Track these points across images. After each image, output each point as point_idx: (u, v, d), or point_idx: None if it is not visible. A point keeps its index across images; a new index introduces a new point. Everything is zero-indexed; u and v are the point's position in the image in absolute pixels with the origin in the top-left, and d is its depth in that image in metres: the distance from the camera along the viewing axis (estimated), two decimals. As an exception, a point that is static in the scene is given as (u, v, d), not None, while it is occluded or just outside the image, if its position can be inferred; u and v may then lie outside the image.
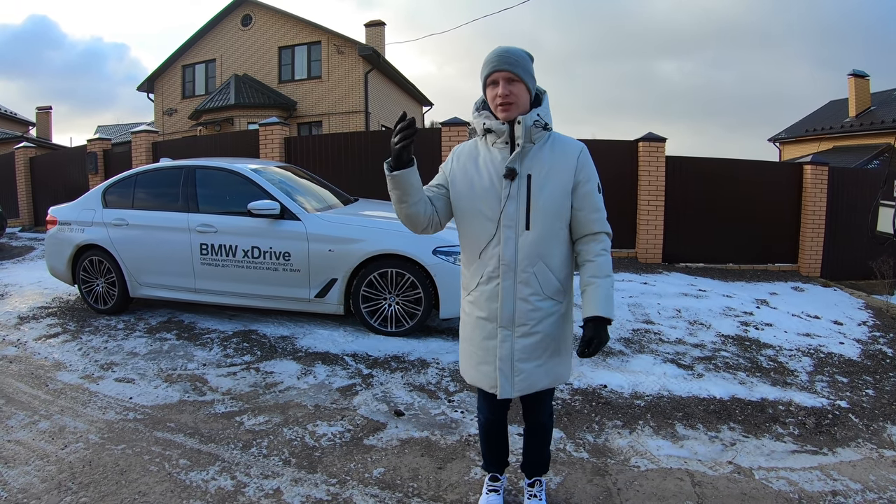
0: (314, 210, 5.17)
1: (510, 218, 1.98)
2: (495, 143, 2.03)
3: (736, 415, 3.65)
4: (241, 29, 20.63)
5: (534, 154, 1.99)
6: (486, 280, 2.04)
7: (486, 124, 2.02)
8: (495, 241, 2.00)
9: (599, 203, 2.05)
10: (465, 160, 2.11)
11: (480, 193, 2.02)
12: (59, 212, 5.93)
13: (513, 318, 2.02)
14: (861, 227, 9.50)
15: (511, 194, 1.97)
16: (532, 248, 1.98)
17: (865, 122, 17.74)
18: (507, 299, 2.01)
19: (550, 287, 2.03)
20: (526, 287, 2.00)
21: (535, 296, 2.01)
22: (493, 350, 2.06)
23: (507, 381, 2.05)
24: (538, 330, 2.03)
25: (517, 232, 1.98)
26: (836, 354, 4.99)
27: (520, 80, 1.95)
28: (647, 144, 8.64)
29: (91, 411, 3.59)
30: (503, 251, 1.99)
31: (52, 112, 27.78)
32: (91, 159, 12.07)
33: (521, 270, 1.99)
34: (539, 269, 2.00)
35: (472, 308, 2.11)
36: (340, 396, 3.76)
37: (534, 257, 1.99)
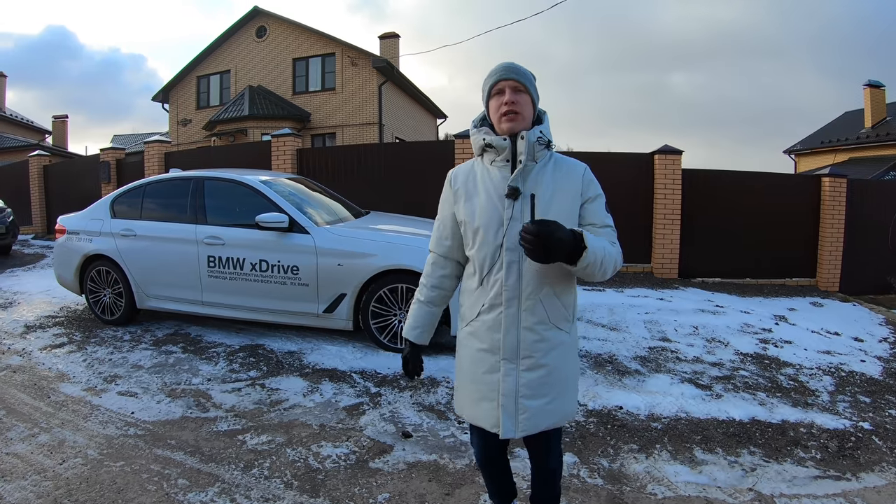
0: (324, 223, 5.08)
1: (513, 241, 1.82)
2: (494, 162, 1.90)
3: (756, 438, 3.52)
4: (255, 41, 20.76)
5: (537, 173, 1.86)
6: (488, 308, 1.89)
7: (485, 139, 1.89)
8: (498, 266, 1.86)
9: (609, 219, 1.92)
10: (462, 180, 1.99)
11: (482, 215, 1.89)
12: (67, 221, 5.91)
13: (517, 349, 1.85)
14: (880, 241, 9.32)
15: (514, 215, 1.82)
16: (537, 273, 1.83)
17: (882, 132, 17.53)
18: (511, 329, 1.85)
19: (557, 315, 1.88)
20: (531, 315, 1.85)
21: (542, 325, 1.86)
22: (495, 385, 1.88)
23: (510, 419, 1.86)
24: (545, 363, 1.86)
25: (521, 255, 1.81)
26: (857, 373, 4.87)
27: (527, 91, 1.87)
28: (664, 157, 8.50)
29: (91, 425, 3.53)
30: (506, 276, 1.84)
31: (68, 121, 28.18)
32: (104, 168, 12.12)
33: (527, 297, 1.84)
34: (545, 296, 1.85)
35: (471, 339, 1.95)
36: (347, 416, 3.66)
37: (539, 282, 1.84)
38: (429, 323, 2.09)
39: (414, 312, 2.11)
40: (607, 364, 4.66)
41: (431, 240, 2.12)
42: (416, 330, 2.09)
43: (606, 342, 5.22)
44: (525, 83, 1.86)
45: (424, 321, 2.09)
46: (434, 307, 2.09)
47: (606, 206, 1.93)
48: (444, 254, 2.07)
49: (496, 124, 1.90)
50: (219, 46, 21.33)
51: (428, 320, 2.09)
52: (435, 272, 2.09)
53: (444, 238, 2.06)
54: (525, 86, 1.86)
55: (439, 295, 2.09)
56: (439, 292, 2.09)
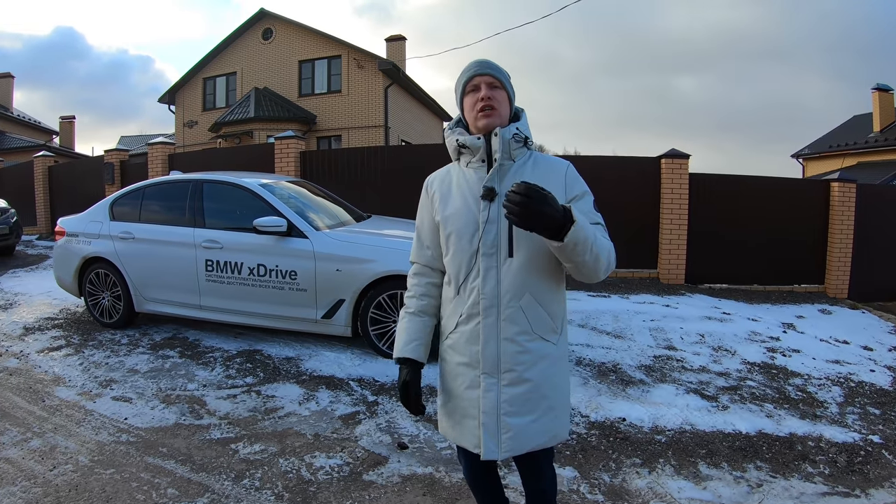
0: (324, 227, 5.01)
1: (490, 245, 1.71)
2: (470, 163, 1.80)
3: (763, 452, 3.43)
4: (261, 42, 20.76)
5: (514, 172, 1.74)
6: (466, 318, 1.76)
7: (459, 140, 1.79)
8: (475, 273, 1.73)
9: (599, 217, 1.76)
10: (438, 186, 1.88)
11: (457, 219, 1.77)
12: (67, 223, 5.88)
13: (497, 362, 1.71)
14: (889, 247, 9.19)
15: (490, 217, 1.70)
16: (517, 277, 1.70)
17: (890, 137, 17.36)
18: (490, 340, 1.71)
19: (541, 324, 1.73)
20: (512, 325, 1.70)
21: (524, 335, 1.71)
22: (475, 402, 1.74)
23: (491, 439, 1.71)
24: (529, 377, 1.71)
25: (499, 260, 1.71)
26: (867, 383, 4.77)
27: (503, 87, 1.78)
28: (671, 161, 8.40)
29: (84, 431, 3.48)
30: (483, 283, 1.71)
31: (75, 122, 28.28)
32: (108, 170, 12.10)
33: (506, 305, 1.70)
34: (527, 303, 1.71)
35: (451, 353, 1.81)
36: (342, 425, 3.58)
37: (519, 289, 1.70)
38: (425, 334, 1.88)
39: (406, 327, 1.89)
40: (611, 373, 4.56)
41: (412, 250, 1.98)
42: (412, 343, 1.85)
43: (611, 350, 5.13)
44: (501, 79, 1.78)
45: (419, 333, 1.87)
46: (427, 317, 1.91)
47: (595, 205, 1.79)
48: (426, 263, 1.93)
49: (471, 123, 1.81)
50: (225, 48, 21.34)
51: (423, 331, 1.88)
52: (421, 281, 1.94)
53: (424, 247, 1.93)
54: (501, 81, 1.78)
55: (430, 304, 1.92)
56: (430, 301, 1.92)
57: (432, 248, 1.91)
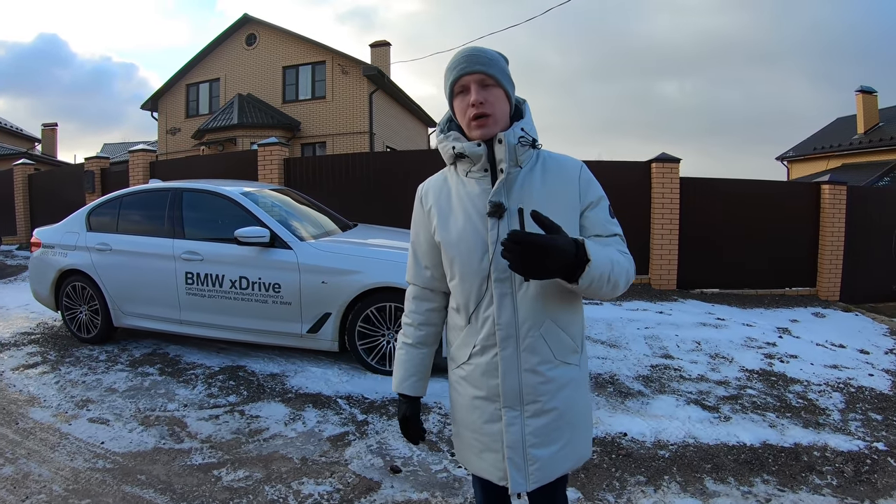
0: (309, 238, 4.83)
1: (503, 269, 1.49)
2: (470, 173, 1.56)
3: (769, 464, 3.32)
4: (245, 48, 20.55)
5: (523, 181, 1.52)
6: (481, 350, 1.56)
7: (455, 148, 1.54)
8: (487, 301, 1.53)
9: (616, 227, 1.58)
10: (434, 197, 1.65)
11: (461, 240, 1.55)
12: (43, 234, 5.67)
13: (519, 394, 1.54)
14: (880, 248, 9.19)
15: (500, 237, 1.47)
16: (535, 303, 1.51)
17: (874, 138, 17.49)
18: (510, 372, 1.53)
19: (563, 349, 1.55)
20: (532, 355, 1.52)
21: (546, 364, 1.53)
22: (497, 436, 1.57)
23: (519, 472, 1.55)
24: (553, 406, 1.55)
25: (513, 286, 1.51)
26: (866, 388, 4.70)
27: (497, 84, 1.51)
28: (661, 165, 8.32)
29: (59, 457, 3.28)
30: (498, 312, 1.51)
31: (57, 129, 27.92)
32: (88, 178, 11.87)
33: (525, 335, 1.51)
34: (547, 330, 1.53)
35: (465, 385, 1.63)
36: (331, 447, 3.39)
37: (539, 315, 1.51)
38: (424, 367, 1.73)
39: (404, 360, 1.73)
40: (608, 385, 4.43)
41: (408, 269, 1.77)
42: (410, 379, 1.70)
43: (606, 360, 4.99)
44: (494, 74, 1.50)
45: (418, 367, 1.72)
46: (426, 348, 1.74)
47: (611, 210, 1.60)
48: (425, 285, 1.72)
49: (466, 129, 1.56)
50: (208, 54, 21.11)
51: (422, 365, 1.73)
52: (420, 307, 1.74)
53: (422, 267, 1.72)
54: (495, 77, 1.51)
55: (430, 333, 1.74)
56: (429, 329, 1.74)
57: (432, 269, 1.70)
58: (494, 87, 1.51)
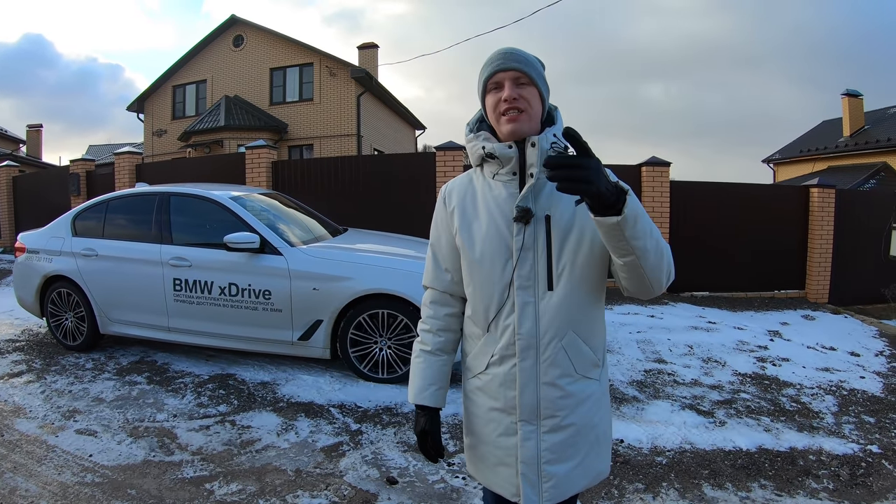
0: (299, 243, 4.76)
1: (526, 276, 1.45)
2: (498, 175, 1.51)
3: (766, 469, 3.32)
4: (232, 50, 20.40)
5: (552, 187, 1.43)
6: (499, 360, 1.51)
7: (486, 148, 1.49)
8: (508, 309, 1.47)
9: None
10: (459, 198, 1.59)
11: (483, 244, 1.50)
12: (27, 238, 5.55)
13: (536, 408, 1.48)
14: (867, 251, 9.26)
15: (526, 244, 1.45)
16: (558, 314, 1.45)
17: (860, 141, 17.64)
18: (528, 385, 1.48)
19: (584, 363, 1.50)
20: (553, 367, 1.47)
21: (566, 377, 1.48)
22: (512, 450, 1.52)
23: (532, 489, 1.50)
24: (571, 422, 1.49)
25: (536, 294, 1.45)
26: (858, 391, 4.73)
27: (532, 83, 1.46)
28: (651, 169, 8.33)
29: (46, 470, 3.19)
30: (519, 321, 1.46)
31: (42, 130, 27.57)
32: (73, 180, 11.69)
33: (546, 346, 1.46)
34: (569, 342, 1.47)
35: (481, 396, 1.57)
36: (325, 458, 3.33)
37: (561, 326, 1.46)
38: (443, 376, 1.65)
39: (422, 368, 1.64)
40: (603, 390, 4.40)
41: (426, 272, 1.69)
42: (430, 388, 1.61)
43: (600, 365, 4.97)
44: (530, 73, 1.46)
45: (438, 376, 1.63)
46: (446, 355, 1.66)
47: None
48: (445, 289, 1.65)
49: (496, 126, 1.51)
50: (195, 55, 20.93)
51: (442, 373, 1.64)
52: (439, 313, 1.66)
53: (442, 270, 1.65)
54: (530, 76, 1.46)
55: (449, 340, 1.66)
56: (449, 336, 1.66)
57: (452, 272, 1.63)
58: (529, 85, 1.46)
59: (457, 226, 1.57)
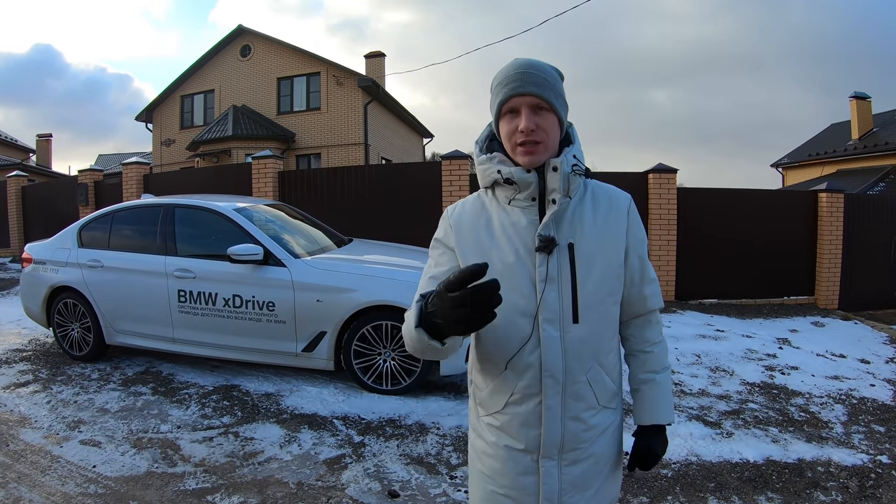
0: (303, 254, 4.76)
1: (551, 310, 1.34)
2: (514, 201, 1.38)
3: (773, 481, 3.26)
4: (240, 60, 20.52)
5: (573, 213, 1.37)
6: (521, 398, 1.39)
7: (502, 172, 1.37)
8: (532, 344, 1.35)
9: (653, 271, 1.50)
10: (470, 227, 1.44)
11: (504, 276, 1.32)
12: (34, 249, 5.59)
13: (561, 444, 1.39)
14: (877, 255, 9.16)
15: (550, 275, 1.34)
16: (584, 347, 1.37)
17: (869, 144, 17.52)
18: (554, 422, 1.37)
19: (607, 394, 1.43)
20: (577, 402, 1.38)
21: (589, 410, 1.40)
22: (533, 489, 1.41)
23: None
24: (591, 453, 1.42)
25: (562, 327, 1.35)
26: (868, 399, 4.67)
27: (551, 108, 1.33)
28: (658, 176, 8.29)
29: (50, 481, 3.20)
30: (546, 357, 1.34)
31: (52, 140, 27.86)
32: (82, 190, 11.76)
33: (572, 381, 1.37)
34: (594, 375, 1.39)
35: (498, 434, 1.44)
36: (327, 471, 3.31)
37: (586, 359, 1.38)
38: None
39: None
40: (609, 400, 4.37)
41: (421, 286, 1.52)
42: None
43: (606, 374, 4.94)
44: (548, 98, 1.33)
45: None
46: None
47: (647, 252, 1.51)
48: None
49: (510, 152, 1.39)
50: (203, 65, 21.07)
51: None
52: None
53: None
54: (549, 102, 1.33)
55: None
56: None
57: None
58: (548, 111, 1.34)
59: (468, 254, 1.42)
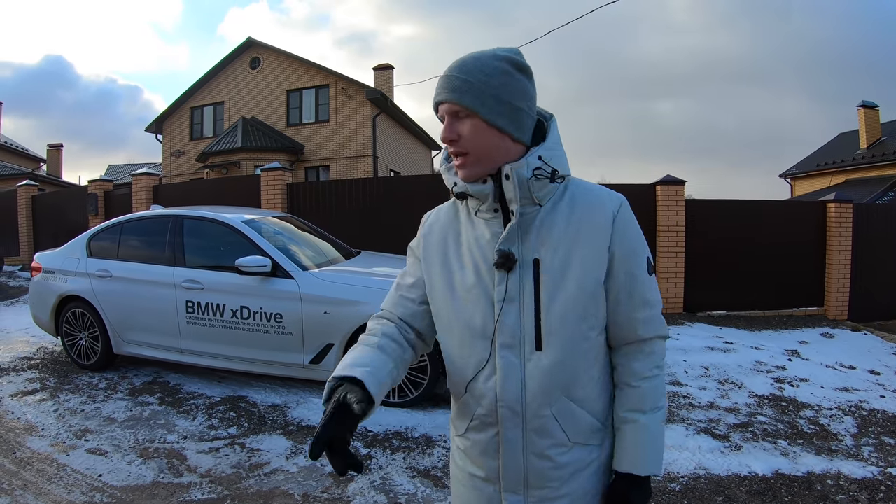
0: (311, 266, 4.78)
1: (510, 334, 1.20)
2: (479, 212, 1.25)
3: (782, 495, 3.23)
4: (249, 72, 20.67)
5: (542, 223, 1.21)
6: (479, 426, 1.26)
7: (457, 185, 1.24)
8: (489, 371, 1.22)
9: (650, 292, 1.25)
10: (438, 240, 1.33)
11: (463, 294, 1.25)
12: (44, 258, 5.63)
13: (524, 479, 1.24)
14: (887, 265, 9.10)
15: (509, 295, 1.19)
16: (548, 378, 1.19)
17: (877, 153, 17.47)
18: (513, 456, 1.23)
19: (581, 430, 1.23)
20: (542, 438, 1.21)
21: (558, 448, 1.22)
22: None
23: None
24: (565, 493, 1.24)
25: (522, 355, 1.20)
26: (878, 411, 4.62)
27: (472, 113, 1.16)
28: (666, 188, 8.26)
29: (56, 489, 3.22)
30: (502, 387, 1.20)
31: (62, 150, 28.11)
32: (91, 200, 11.87)
33: (533, 415, 1.20)
34: (562, 410, 1.21)
35: (463, 459, 1.34)
36: (333, 483, 3.30)
37: (552, 392, 1.20)
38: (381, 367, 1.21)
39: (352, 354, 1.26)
40: (616, 413, 4.34)
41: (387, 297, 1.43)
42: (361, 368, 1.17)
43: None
44: (465, 102, 1.15)
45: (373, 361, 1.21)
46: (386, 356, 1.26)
47: (649, 265, 1.26)
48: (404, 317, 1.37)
49: None
50: (213, 77, 21.23)
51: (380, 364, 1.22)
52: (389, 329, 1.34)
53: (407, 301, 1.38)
54: (467, 106, 1.15)
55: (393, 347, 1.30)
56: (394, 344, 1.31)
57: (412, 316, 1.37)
58: (470, 117, 1.17)
59: (435, 266, 1.32)
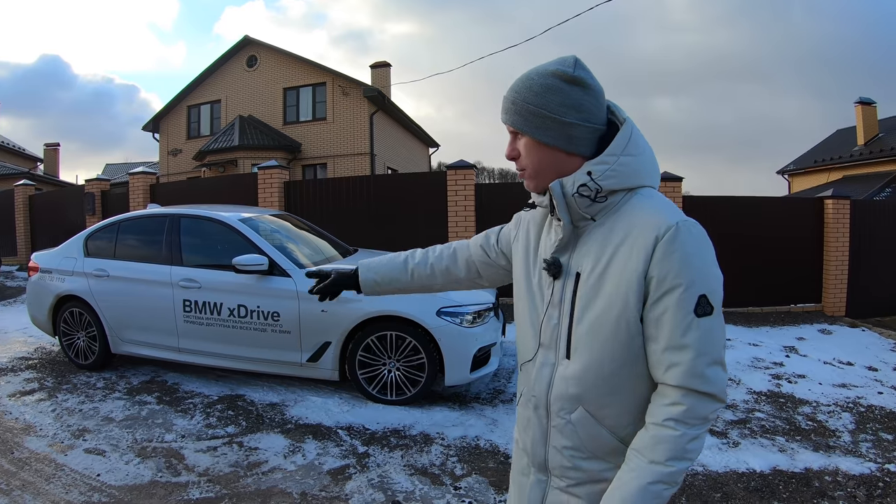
0: (309, 264, 4.75)
1: (549, 337, 1.27)
2: (552, 219, 1.32)
3: (780, 492, 3.25)
4: (246, 70, 20.64)
5: (589, 237, 1.23)
6: (524, 401, 1.37)
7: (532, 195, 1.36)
8: (532, 363, 1.32)
9: (687, 335, 1.11)
10: (526, 233, 1.42)
11: (532, 287, 1.35)
12: (41, 258, 5.61)
13: (544, 464, 1.32)
14: (884, 262, 9.12)
15: (553, 299, 1.27)
16: (569, 386, 1.23)
17: (875, 149, 17.47)
18: (538, 442, 1.32)
19: (598, 445, 1.23)
20: (561, 436, 1.27)
21: (574, 452, 1.25)
22: (524, 491, 1.38)
23: None
24: (578, 494, 1.27)
25: (556, 357, 1.26)
26: (876, 407, 4.66)
27: (520, 132, 1.25)
28: (664, 185, 8.26)
29: (54, 489, 3.20)
30: (536, 380, 1.30)
31: (59, 149, 28.09)
32: (89, 200, 11.85)
33: (555, 414, 1.27)
34: (579, 419, 1.23)
35: (517, 427, 1.46)
36: (331, 482, 3.30)
37: (570, 400, 1.23)
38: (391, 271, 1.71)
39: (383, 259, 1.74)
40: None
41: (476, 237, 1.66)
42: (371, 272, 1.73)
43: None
44: (514, 124, 1.25)
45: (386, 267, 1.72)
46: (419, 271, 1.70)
47: (703, 307, 1.12)
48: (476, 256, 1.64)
49: None
50: (210, 76, 21.19)
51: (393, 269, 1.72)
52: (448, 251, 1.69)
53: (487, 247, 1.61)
54: (515, 127, 1.25)
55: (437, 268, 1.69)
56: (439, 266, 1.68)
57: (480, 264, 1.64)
58: (523, 135, 1.25)
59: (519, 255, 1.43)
